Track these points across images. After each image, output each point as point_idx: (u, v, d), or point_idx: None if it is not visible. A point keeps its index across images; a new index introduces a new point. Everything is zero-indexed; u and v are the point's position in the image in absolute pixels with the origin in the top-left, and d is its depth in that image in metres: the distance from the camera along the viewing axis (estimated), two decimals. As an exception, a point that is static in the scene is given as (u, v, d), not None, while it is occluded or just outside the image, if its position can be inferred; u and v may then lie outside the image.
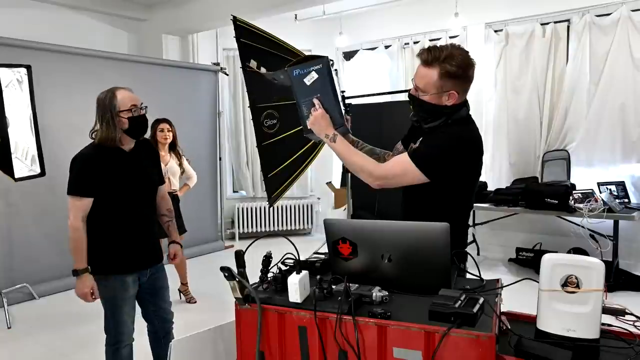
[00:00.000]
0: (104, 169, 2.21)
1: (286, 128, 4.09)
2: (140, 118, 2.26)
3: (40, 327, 3.80)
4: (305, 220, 6.98)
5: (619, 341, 1.42)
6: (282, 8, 5.32)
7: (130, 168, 2.28)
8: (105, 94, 2.24)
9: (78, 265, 2.20)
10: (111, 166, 2.23)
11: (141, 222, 2.35)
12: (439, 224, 1.56)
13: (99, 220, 2.24)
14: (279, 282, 1.63)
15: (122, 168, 2.26)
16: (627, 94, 4.72)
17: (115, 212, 2.26)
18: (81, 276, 2.21)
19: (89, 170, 2.20)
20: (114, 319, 2.34)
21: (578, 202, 4.36)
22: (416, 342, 1.36)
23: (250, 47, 3.97)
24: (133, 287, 2.34)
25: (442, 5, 5.61)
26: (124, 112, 2.20)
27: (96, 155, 2.23)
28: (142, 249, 2.36)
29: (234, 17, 3.94)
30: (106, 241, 2.26)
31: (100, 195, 2.22)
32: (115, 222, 2.27)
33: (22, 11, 5.29)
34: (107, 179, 2.21)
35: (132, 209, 2.30)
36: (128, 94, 2.25)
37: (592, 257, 1.43)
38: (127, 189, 2.27)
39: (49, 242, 4.61)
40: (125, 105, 2.21)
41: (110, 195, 2.23)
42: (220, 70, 6.23)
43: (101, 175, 2.20)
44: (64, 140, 4.72)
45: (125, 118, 2.21)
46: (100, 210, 2.23)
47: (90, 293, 2.22)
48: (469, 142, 1.89)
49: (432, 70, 1.78)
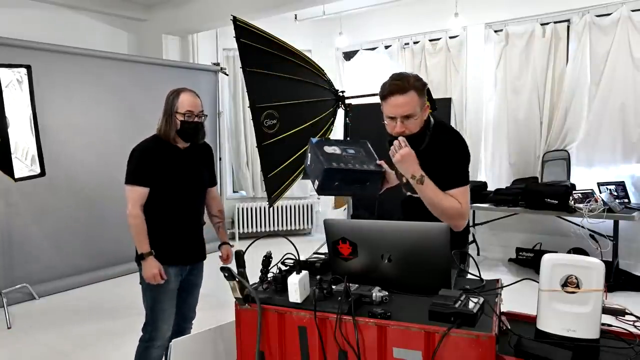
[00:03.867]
0: (159, 162, 2.30)
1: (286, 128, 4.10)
2: (192, 124, 2.31)
3: (40, 327, 3.80)
4: (305, 220, 6.97)
5: (619, 341, 1.43)
6: (282, 8, 5.32)
7: (181, 165, 2.36)
8: (172, 91, 2.35)
9: (142, 249, 2.27)
10: (165, 160, 2.32)
11: (188, 218, 2.42)
12: (439, 224, 1.57)
13: (148, 211, 2.30)
14: (279, 282, 1.64)
15: (174, 164, 2.34)
16: (627, 94, 4.72)
17: (164, 205, 2.33)
18: (147, 259, 2.27)
19: (146, 161, 2.29)
20: (153, 312, 2.38)
21: (578, 202, 4.36)
22: (416, 342, 1.36)
23: (250, 47, 3.97)
24: (175, 281, 2.39)
25: (442, 5, 5.61)
26: (179, 115, 2.29)
27: (154, 148, 2.32)
28: (186, 244, 2.43)
29: (234, 17, 3.94)
30: (154, 232, 2.31)
31: (154, 186, 2.30)
32: (163, 214, 2.34)
33: (22, 11, 5.29)
34: (161, 171, 2.30)
35: (181, 204, 2.37)
36: (189, 98, 2.31)
37: (592, 257, 1.43)
38: (177, 184, 2.34)
39: (49, 242, 4.61)
40: (183, 108, 2.29)
41: (162, 188, 2.31)
42: (220, 70, 6.23)
43: (156, 168, 2.29)
44: (64, 140, 4.73)
45: (179, 120, 2.29)
46: (151, 202, 2.30)
47: (159, 274, 2.27)
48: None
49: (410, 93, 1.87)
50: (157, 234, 2.33)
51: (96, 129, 5.02)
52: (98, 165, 4.96)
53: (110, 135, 5.09)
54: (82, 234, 4.86)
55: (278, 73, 4.06)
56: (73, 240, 4.79)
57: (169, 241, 2.36)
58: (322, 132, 4.37)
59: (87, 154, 4.92)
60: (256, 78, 4.01)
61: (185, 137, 2.35)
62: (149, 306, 2.40)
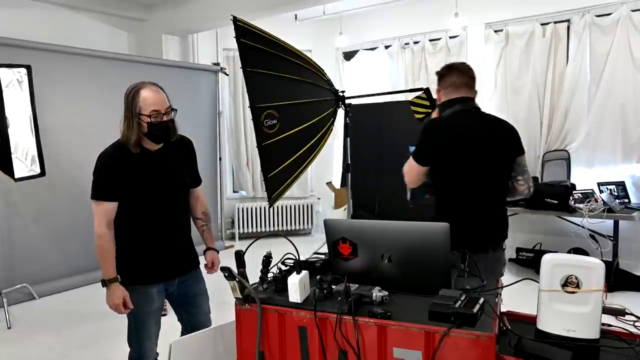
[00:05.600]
0: (126, 171, 2.04)
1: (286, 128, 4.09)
2: (160, 125, 2.03)
3: (40, 327, 3.80)
4: (305, 220, 6.98)
5: (619, 341, 1.43)
6: (282, 8, 5.32)
7: (155, 169, 2.10)
8: (130, 89, 2.06)
9: (106, 275, 2.02)
10: (134, 167, 2.05)
11: (169, 227, 2.17)
12: (439, 224, 1.57)
13: (121, 226, 2.08)
14: (279, 282, 1.63)
15: (146, 169, 2.08)
16: (627, 94, 4.72)
17: (138, 217, 2.08)
18: (110, 286, 2.02)
19: (110, 172, 2.03)
20: (138, 334, 2.17)
21: (578, 202, 4.36)
22: (416, 342, 1.36)
23: (250, 47, 3.97)
24: (158, 299, 2.16)
25: (442, 5, 5.61)
26: (144, 117, 2.01)
27: (118, 155, 2.05)
28: (168, 256, 2.16)
29: (234, 17, 3.94)
30: (129, 249, 2.10)
31: (124, 199, 2.05)
32: (138, 228, 2.10)
33: (22, 11, 5.29)
34: (130, 181, 2.04)
35: (158, 213, 2.12)
36: (152, 95, 2.03)
37: (592, 257, 1.43)
38: (152, 192, 2.09)
39: (49, 242, 4.61)
40: (146, 108, 2.01)
41: (133, 199, 2.06)
42: (220, 70, 6.23)
43: (123, 178, 2.03)
44: (64, 140, 4.73)
45: (145, 122, 2.02)
46: (123, 215, 2.07)
47: (122, 304, 2.04)
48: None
49: None
50: (133, 251, 2.09)
51: (96, 129, 5.01)
52: (98, 165, 4.96)
53: (111, 136, 5.02)
54: (82, 234, 4.85)
55: (278, 73, 4.05)
56: (73, 240, 4.79)
57: (147, 257, 2.11)
58: (322, 132, 4.37)
59: (87, 154, 4.88)
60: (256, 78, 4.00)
61: (155, 139, 2.07)
62: (134, 327, 2.18)
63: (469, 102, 2.20)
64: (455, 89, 2.21)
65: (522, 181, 2.21)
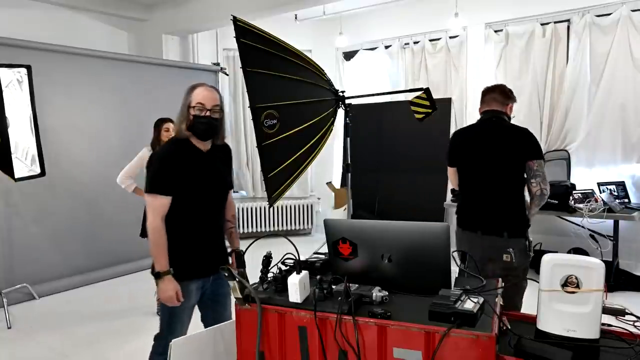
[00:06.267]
0: (181, 167, 2.10)
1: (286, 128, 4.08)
2: (203, 118, 2.10)
3: (40, 327, 3.80)
4: (305, 220, 6.97)
5: (619, 341, 1.42)
6: (282, 8, 5.32)
7: (204, 169, 2.18)
8: (189, 86, 2.18)
9: (160, 268, 2.05)
10: (188, 165, 2.12)
11: (211, 225, 2.25)
12: (439, 224, 1.57)
13: (169, 222, 2.11)
14: (279, 282, 1.63)
15: (198, 167, 2.15)
16: (627, 94, 4.72)
17: (186, 214, 2.13)
18: (164, 278, 2.05)
19: (167, 167, 2.10)
20: (170, 327, 2.18)
21: (578, 202, 4.36)
22: (416, 342, 1.36)
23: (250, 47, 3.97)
24: (195, 295, 2.21)
25: (442, 5, 5.61)
26: (191, 109, 2.11)
27: (174, 151, 2.13)
28: (209, 253, 2.22)
29: (234, 17, 3.94)
30: (174, 245, 2.12)
31: (176, 194, 2.10)
32: (184, 225, 2.14)
33: (22, 11, 5.29)
34: (183, 177, 2.10)
35: (204, 211, 2.19)
36: (203, 91, 2.13)
37: (592, 257, 1.43)
38: (201, 190, 2.16)
39: (49, 242, 4.61)
40: (195, 101, 2.11)
41: (184, 196, 2.12)
42: (220, 70, 6.23)
43: (178, 173, 2.09)
44: (64, 140, 4.73)
45: (192, 115, 2.10)
46: (173, 211, 2.11)
47: (175, 296, 2.07)
48: None
49: None
50: (179, 247, 2.13)
51: (96, 129, 5.02)
52: (98, 165, 4.97)
53: (110, 135, 5.09)
54: (82, 234, 4.86)
55: (278, 73, 4.04)
56: (73, 240, 4.79)
57: (191, 253, 2.16)
58: (323, 132, 4.37)
59: (87, 154, 4.92)
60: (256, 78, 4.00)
61: (198, 133, 2.13)
62: (165, 321, 2.21)
63: (494, 113, 2.67)
64: (486, 104, 2.72)
65: (534, 183, 2.53)
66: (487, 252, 2.55)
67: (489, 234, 2.57)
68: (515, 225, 2.61)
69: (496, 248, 2.55)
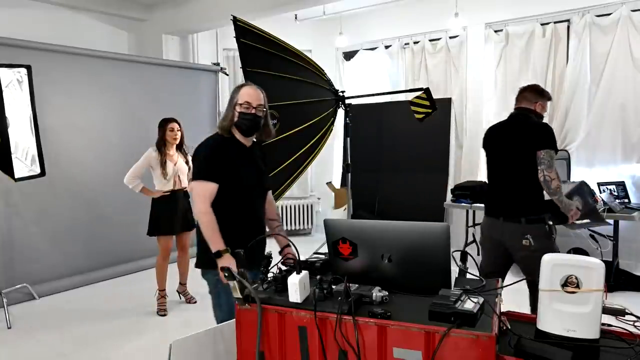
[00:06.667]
0: (226, 158, 2.20)
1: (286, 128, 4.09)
2: (248, 115, 2.23)
3: (40, 327, 3.80)
4: (305, 220, 6.97)
5: (619, 341, 1.43)
6: (282, 8, 5.32)
7: (248, 163, 2.28)
8: (236, 86, 2.33)
9: (218, 246, 2.10)
10: (233, 156, 2.23)
11: (254, 219, 2.32)
12: (439, 224, 1.57)
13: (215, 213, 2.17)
14: (279, 282, 1.63)
15: (241, 160, 2.25)
16: (627, 94, 4.72)
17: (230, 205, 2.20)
18: (224, 256, 2.09)
19: (214, 155, 2.20)
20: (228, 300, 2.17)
21: (578, 202, 4.35)
22: (416, 342, 1.36)
23: (250, 47, 3.97)
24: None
25: (442, 5, 5.61)
26: (237, 106, 2.24)
27: (221, 143, 2.24)
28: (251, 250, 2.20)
29: (234, 17, 3.94)
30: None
31: (221, 184, 2.18)
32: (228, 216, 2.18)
33: (22, 11, 5.29)
34: (228, 168, 2.19)
35: (246, 204, 2.27)
36: (250, 90, 2.27)
37: (592, 257, 1.43)
38: (245, 181, 2.25)
39: (49, 242, 4.61)
40: (241, 99, 2.24)
41: (229, 187, 2.20)
42: (220, 70, 6.23)
43: (224, 163, 2.19)
44: (64, 140, 4.73)
45: (237, 112, 2.23)
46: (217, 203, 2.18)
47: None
48: None
49: None
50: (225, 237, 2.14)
51: (96, 129, 5.02)
52: (98, 165, 4.97)
53: (110, 135, 5.09)
54: (82, 234, 4.86)
55: (278, 73, 4.05)
56: (73, 240, 4.79)
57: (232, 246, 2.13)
58: (322, 132, 4.37)
59: (87, 154, 4.92)
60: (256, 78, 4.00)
61: (243, 129, 2.26)
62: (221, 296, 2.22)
63: (521, 110, 2.98)
64: (518, 101, 3.03)
65: (539, 171, 2.76)
66: (508, 237, 2.86)
67: (509, 221, 2.85)
68: (532, 212, 2.82)
69: (516, 234, 2.81)
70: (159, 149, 3.90)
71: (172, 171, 3.94)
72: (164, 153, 3.91)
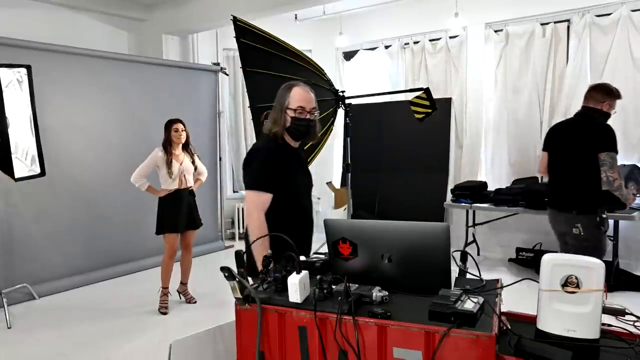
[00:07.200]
0: (280, 164, 2.10)
1: (286, 128, 4.09)
2: (303, 121, 2.12)
3: (40, 327, 3.80)
4: (305, 220, 6.95)
5: (619, 341, 1.42)
6: (282, 8, 5.32)
7: (297, 166, 2.20)
8: (285, 86, 2.16)
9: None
10: (286, 162, 2.13)
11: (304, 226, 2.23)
12: (439, 224, 1.57)
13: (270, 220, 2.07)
14: (279, 282, 1.63)
15: (293, 165, 2.17)
16: (627, 94, 4.70)
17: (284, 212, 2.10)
18: None
19: (269, 164, 2.08)
20: None
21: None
22: (416, 342, 1.36)
23: (250, 47, 3.97)
24: None
25: (442, 5, 5.61)
26: (290, 110, 2.11)
27: (275, 149, 2.12)
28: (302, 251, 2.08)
29: (234, 17, 3.94)
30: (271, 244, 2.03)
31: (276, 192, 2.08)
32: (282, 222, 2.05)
33: (22, 11, 5.29)
34: (283, 174, 2.10)
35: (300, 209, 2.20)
36: (302, 92, 2.13)
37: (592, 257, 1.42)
38: (296, 187, 2.18)
39: (49, 242, 4.61)
40: (294, 104, 2.11)
41: (283, 194, 2.10)
42: (220, 70, 6.23)
43: (278, 170, 2.09)
44: (64, 140, 4.73)
45: (290, 117, 2.11)
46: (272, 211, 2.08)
47: None
48: None
49: None
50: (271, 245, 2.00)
51: (96, 129, 5.02)
52: (98, 165, 4.97)
53: (110, 135, 5.09)
54: (82, 234, 4.86)
55: (278, 73, 4.05)
56: (73, 240, 4.79)
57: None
58: (323, 132, 4.37)
59: (87, 154, 4.92)
60: (256, 78, 4.01)
61: (295, 134, 2.14)
62: None
63: (586, 109, 3.22)
64: (585, 100, 3.25)
65: (602, 172, 3.03)
66: (562, 225, 3.27)
67: (563, 211, 3.25)
68: (583, 204, 3.15)
69: (568, 223, 3.19)
70: (165, 149, 4.00)
71: (178, 170, 3.99)
72: (169, 153, 3.99)
